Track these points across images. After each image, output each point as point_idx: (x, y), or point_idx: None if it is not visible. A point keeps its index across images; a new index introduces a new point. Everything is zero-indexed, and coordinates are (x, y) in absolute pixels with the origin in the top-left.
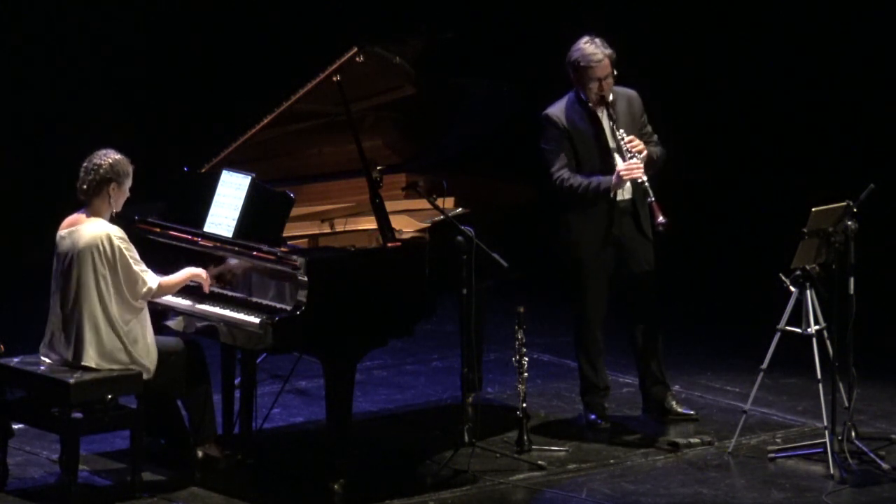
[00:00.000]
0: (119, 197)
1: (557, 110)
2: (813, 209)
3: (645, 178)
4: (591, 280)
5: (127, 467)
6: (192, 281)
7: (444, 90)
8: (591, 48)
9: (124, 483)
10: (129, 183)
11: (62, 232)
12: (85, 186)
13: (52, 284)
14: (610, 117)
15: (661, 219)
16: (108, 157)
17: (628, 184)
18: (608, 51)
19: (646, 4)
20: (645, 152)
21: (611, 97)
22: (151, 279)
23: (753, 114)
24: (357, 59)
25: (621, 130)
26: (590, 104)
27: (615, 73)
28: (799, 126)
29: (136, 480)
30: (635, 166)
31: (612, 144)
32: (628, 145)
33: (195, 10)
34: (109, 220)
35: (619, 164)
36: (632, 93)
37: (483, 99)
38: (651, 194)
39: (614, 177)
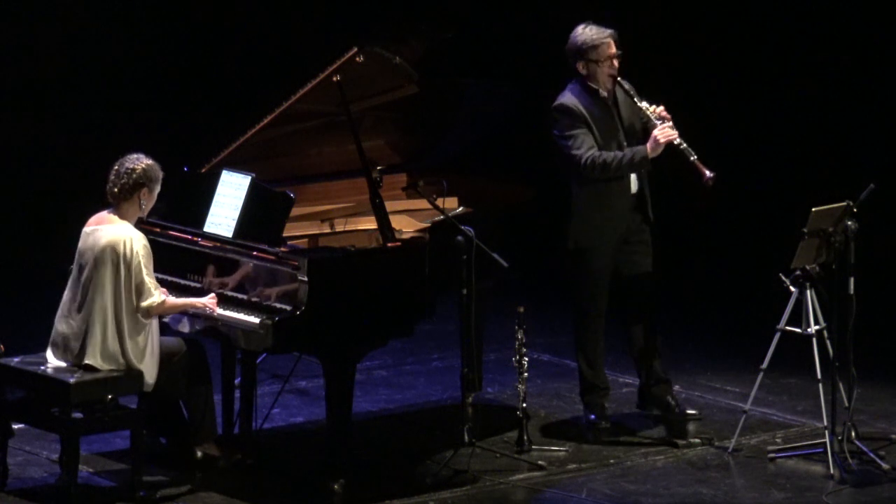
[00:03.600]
0: (149, 202)
1: (569, 99)
2: (813, 209)
3: (680, 139)
4: (600, 280)
5: (127, 467)
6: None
7: (444, 90)
8: (595, 29)
9: (124, 483)
10: (158, 188)
11: (87, 229)
12: (116, 190)
13: (70, 277)
14: (626, 92)
15: (708, 174)
16: (142, 161)
17: (635, 176)
18: (611, 30)
19: (646, 3)
20: (669, 119)
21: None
22: (158, 295)
23: (753, 113)
24: (357, 59)
25: (644, 102)
26: (600, 91)
27: (621, 52)
28: (799, 126)
29: (136, 480)
30: (670, 129)
31: (623, 130)
32: (654, 113)
33: (195, 10)
34: (134, 224)
35: (627, 147)
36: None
37: (483, 99)
38: (692, 153)
39: (650, 143)
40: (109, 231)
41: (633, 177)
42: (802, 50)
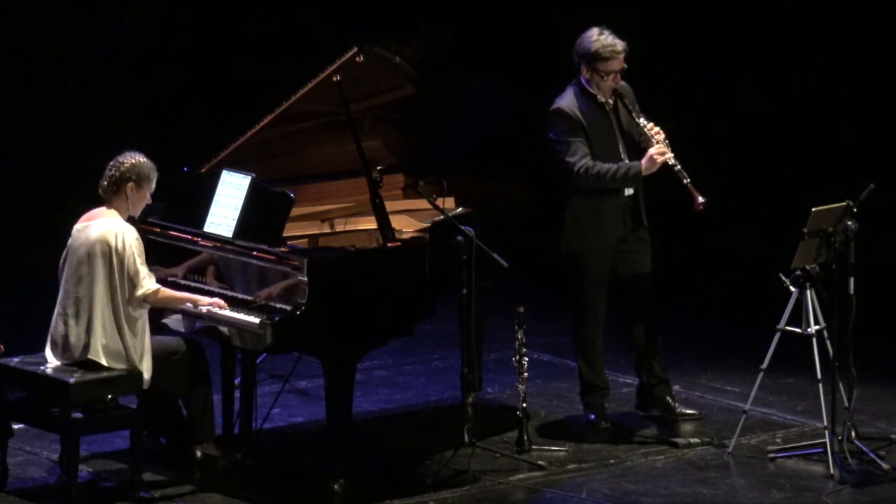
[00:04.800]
0: (138, 199)
1: (568, 103)
2: (813, 209)
3: (675, 161)
4: (594, 280)
5: (127, 467)
6: (191, 304)
7: (444, 90)
8: (610, 41)
9: (124, 483)
10: (150, 187)
11: (78, 225)
12: (105, 183)
13: (62, 276)
14: (625, 106)
15: (700, 199)
16: (132, 157)
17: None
18: (624, 43)
19: (645, 4)
20: (665, 138)
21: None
22: (152, 283)
23: (753, 114)
24: (357, 59)
25: (642, 119)
26: (599, 96)
27: (625, 66)
28: (799, 126)
29: (136, 480)
30: (666, 149)
31: (619, 136)
32: (651, 132)
33: (195, 10)
34: (126, 220)
35: (624, 154)
36: (624, 84)
37: (483, 99)
38: (686, 176)
39: (645, 161)
40: (100, 226)
41: None
42: (802, 49)
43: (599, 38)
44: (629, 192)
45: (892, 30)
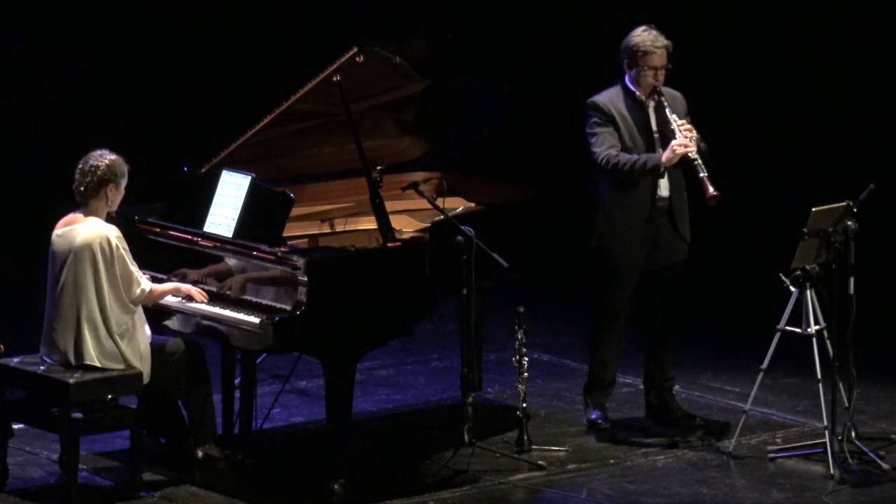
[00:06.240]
0: (116, 197)
1: (604, 98)
2: (813, 209)
3: (696, 154)
4: (623, 280)
5: (127, 467)
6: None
7: (445, 90)
8: (652, 36)
9: (124, 483)
10: (125, 183)
11: (58, 231)
12: (82, 188)
13: (48, 283)
14: (661, 105)
15: (711, 191)
16: (105, 157)
17: (666, 182)
18: (667, 41)
19: (648, 5)
20: (695, 134)
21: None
22: (145, 283)
23: (753, 113)
24: (357, 59)
25: (674, 115)
26: (639, 94)
27: (670, 66)
28: (799, 125)
29: (136, 480)
30: (688, 142)
31: (656, 136)
32: (681, 128)
33: (195, 10)
34: (106, 219)
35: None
36: (677, 93)
37: (483, 99)
38: (703, 170)
39: (667, 152)
40: (82, 230)
41: (662, 182)
42: (803, 49)
43: (642, 34)
44: (664, 193)
45: (893, 29)
